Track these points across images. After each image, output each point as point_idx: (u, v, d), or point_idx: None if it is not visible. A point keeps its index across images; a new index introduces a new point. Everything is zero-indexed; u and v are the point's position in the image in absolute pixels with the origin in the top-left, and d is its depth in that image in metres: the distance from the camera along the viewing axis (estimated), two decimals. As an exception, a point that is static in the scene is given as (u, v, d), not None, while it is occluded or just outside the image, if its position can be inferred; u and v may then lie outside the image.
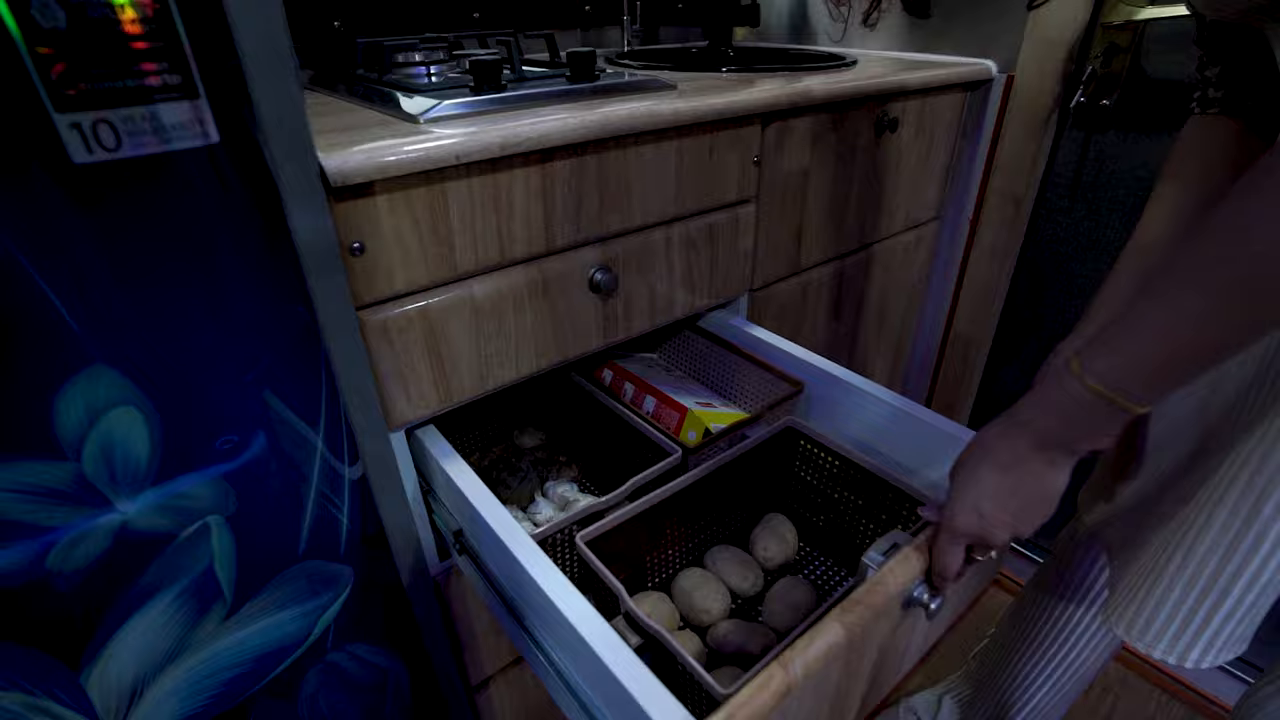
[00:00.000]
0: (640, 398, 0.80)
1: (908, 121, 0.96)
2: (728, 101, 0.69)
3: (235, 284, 0.41)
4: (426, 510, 0.65)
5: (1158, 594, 0.53)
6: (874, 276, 1.08)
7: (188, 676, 0.47)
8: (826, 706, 0.48)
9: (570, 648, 0.47)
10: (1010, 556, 1.29)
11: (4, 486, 0.36)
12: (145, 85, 0.32)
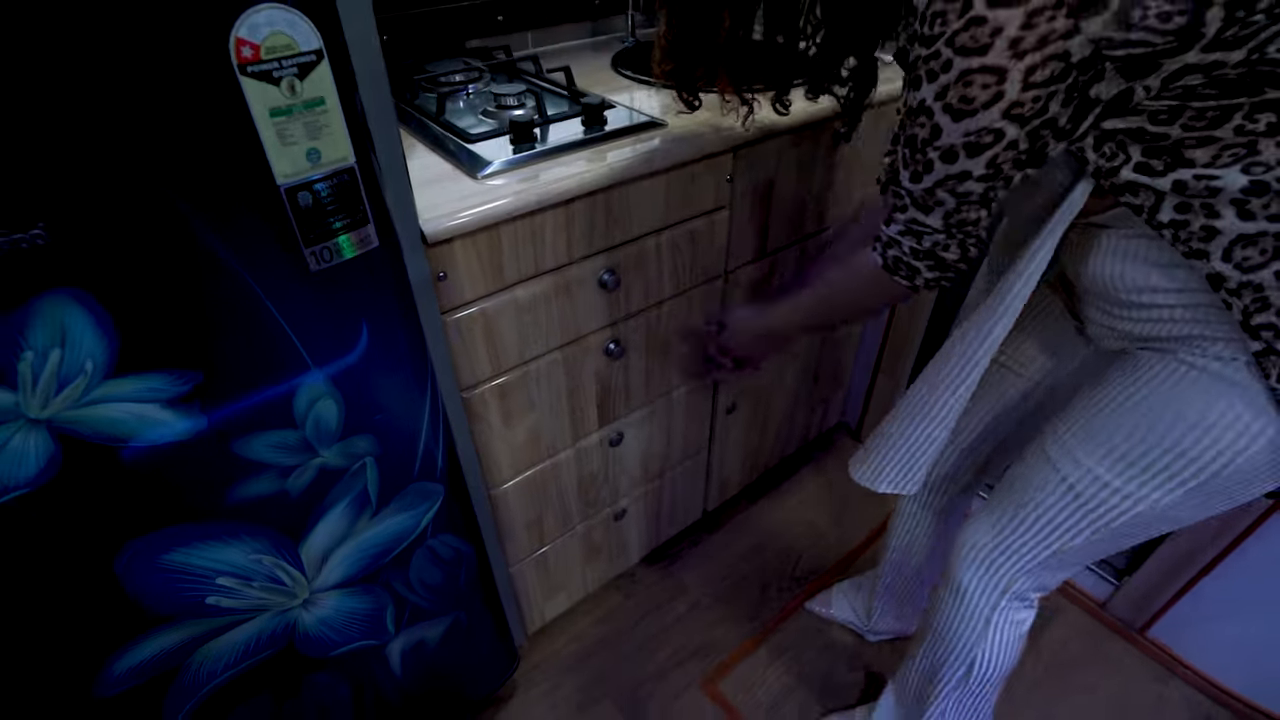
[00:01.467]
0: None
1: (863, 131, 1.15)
2: (704, 145, 0.91)
3: (384, 312, 0.65)
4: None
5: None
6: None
7: (351, 551, 0.76)
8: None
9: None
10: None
11: (267, 444, 0.62)
12: (341, 227, 0.56)
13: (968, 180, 0.55)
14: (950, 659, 0.91)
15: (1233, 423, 0.60)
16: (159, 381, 0.53)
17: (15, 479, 0.51)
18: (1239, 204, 0.53)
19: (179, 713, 0.73)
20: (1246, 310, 0.56)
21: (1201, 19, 0.46)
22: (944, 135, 0.53)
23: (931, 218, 0.60)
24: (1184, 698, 1.22)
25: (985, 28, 0.47)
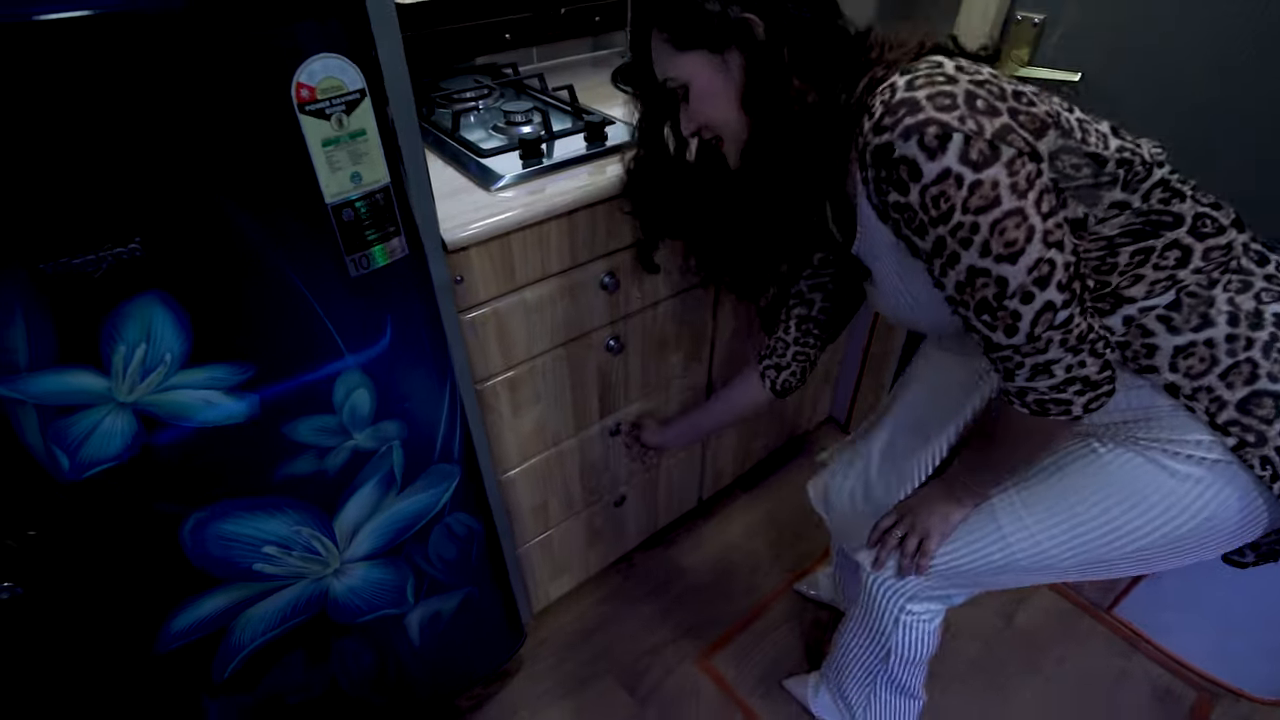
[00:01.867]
0: (634, 355, 1.15)
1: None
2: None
3: (410, 311, 0.74)
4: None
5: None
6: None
7: (378, 525, 0.85)
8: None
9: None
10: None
11: (310, 427, 0.71)
12: (376, 238, 0.65)
13: (1054, 312, 0.59)
14: (871, 645, 1.02)
15: (1187, 506, 0.69)
16: (222, 371, 0.62)
17: (104, 454, 0.59)
18: (1164, 320, 0.65)
19: (224, 670, 0.82)
20: (1210, 413, 0.65)
21: (1103, 171, 0.62)
22: (1011, 283, 0.58)
23: (1053, 351, 0.61)
24: (1144, 671, 1.30)
25: (985, 186, 0.55)
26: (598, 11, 1.43)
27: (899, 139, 0.56)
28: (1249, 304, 0.64)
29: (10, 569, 0.60)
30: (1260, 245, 0.68)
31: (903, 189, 0.58)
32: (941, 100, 0.56)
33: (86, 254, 0.51)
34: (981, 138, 0.55)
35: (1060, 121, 0.61)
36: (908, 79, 0.58)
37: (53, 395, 0.55)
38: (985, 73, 0.60)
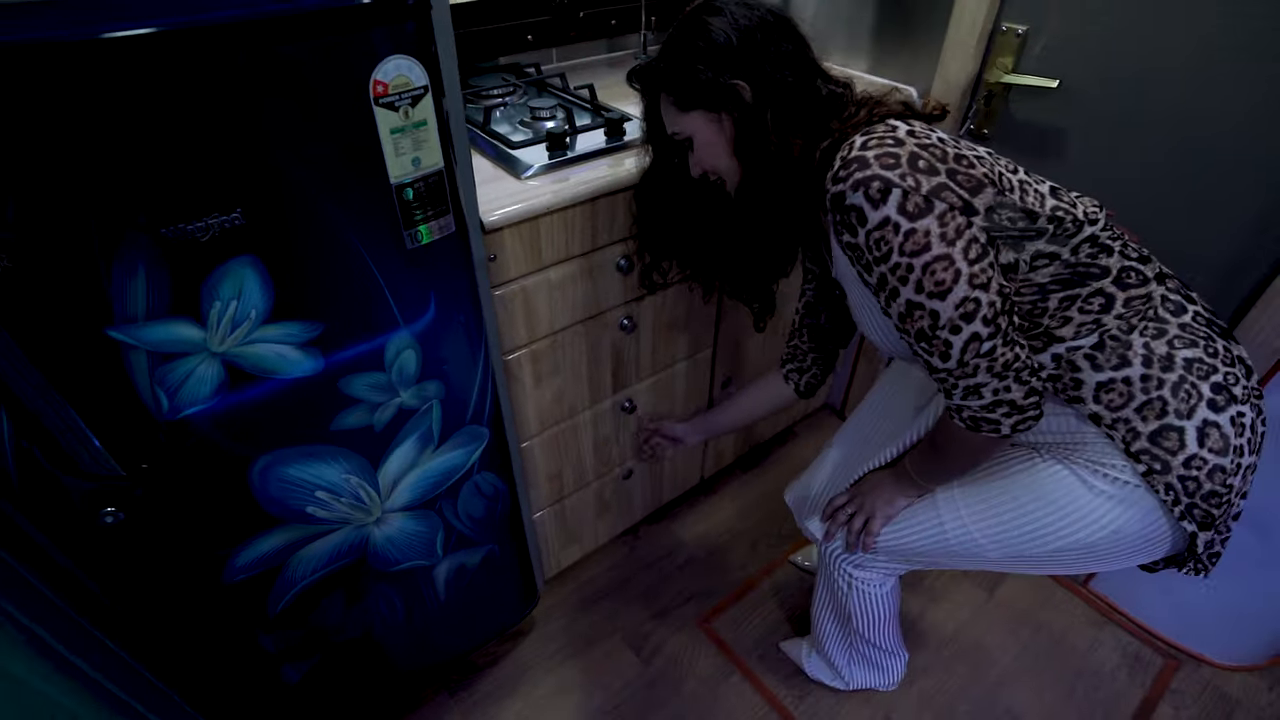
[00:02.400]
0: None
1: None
2: (707, 153, 1.09)
3: (453, 283, 0.83)
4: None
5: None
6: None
7: (415, 479, 0.94)
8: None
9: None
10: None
11: (364, 384, 0.80)
12: (426, 215, 0.74)
13: (979, 342, 0.68)
14: (834, 609, 1.13)
15: (1095, 519, 0.79)
16: (296, 329, 0.72)
17: (196, 398, 0.69)
18: (1089, 358, 0.74)
19: (278, 605, 0.91)
20: (1125, 442, 0.74)
21: (1035, 224, 0.72)
22: (941, 316, 0.68)
23: (980, 376, 0.70)
24: (1116, 639, 1.40)
25: (918, 234, 0.66)
26: (614, 15, 1.53)
27: (849, 189, 0.67)
28: (1162, 349, 0.73)
29: (116, 497, 0.69)
30: (1180, 296, 0.77)
31: (853, 232, 0.69)
32: (887, 160, 0.66)
33: (197, 220, 0.60)
34: (918, 193, 0.65)
35: (998, 181, 0.71)
36: (864, 139, 0.69)
37: (161, 343, 0.64)
38: (934, 138, 0.71)
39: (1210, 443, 0.72)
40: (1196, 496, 0.73)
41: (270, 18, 0.56)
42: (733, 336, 1.43)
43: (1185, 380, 0.73)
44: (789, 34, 0.77)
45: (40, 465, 0.64)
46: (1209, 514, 0.74)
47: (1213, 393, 0.73)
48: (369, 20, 0.61)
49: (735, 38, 0.75)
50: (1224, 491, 0.74)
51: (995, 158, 0.75)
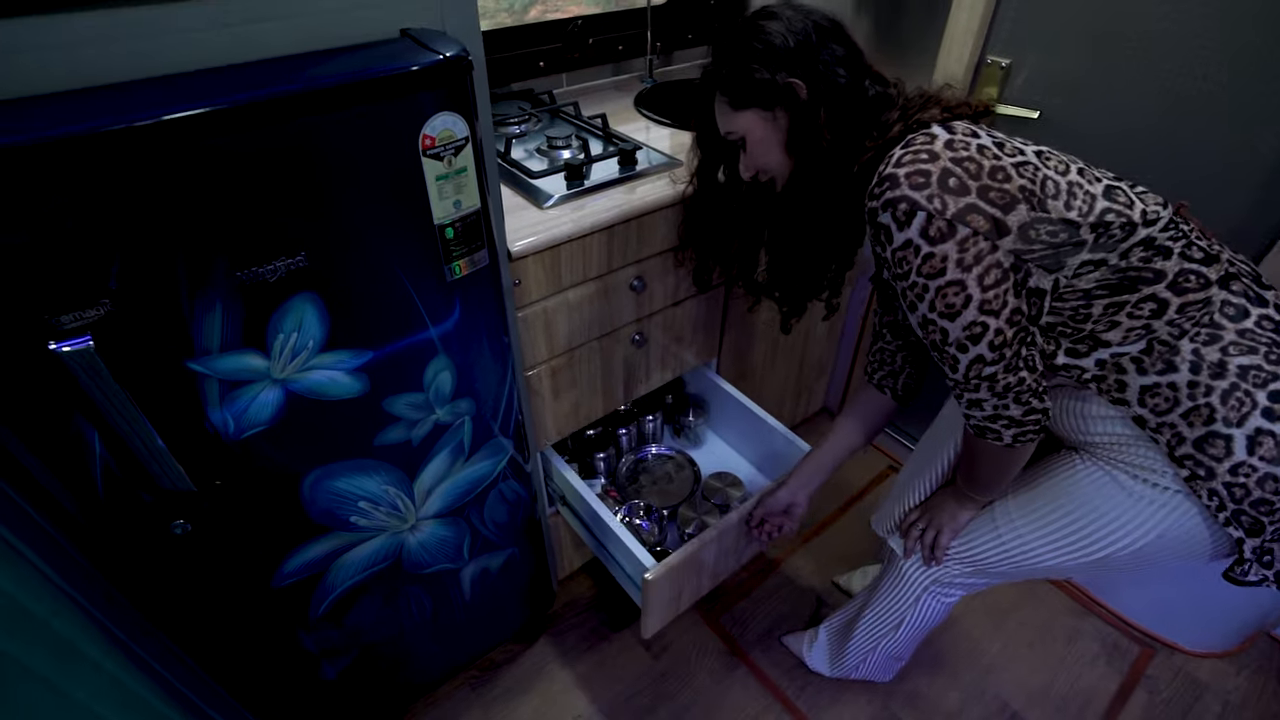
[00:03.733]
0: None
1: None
2: (713, 180, 1.16)
3: (485, 309, 0.91)
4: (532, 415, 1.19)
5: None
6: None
7: (447, 488, 1.01)
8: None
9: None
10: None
11: (404, 403, 0.88)
12: (464, 251, 0.82)
13: (983, 365, 0.72)
14: (886, 616, 1.18)
15: (1139, 525, 0.81)
16: (347, 356, 0.79)
17: (258, 420, 0.76)
18: (1136, 362, 0.75)
19: (320, 608, 0.99)
20: (1170, 447, 0.75)
21: (1077, 234, 0.72)
22: (950, 335, 0.72)
23: (981, 393, 0.75)
24: (1095, 629, 1.49)
25: (935, 259, 0.69)
26: (621, 41, 1.60)
27: (880, 208, 0.71)
28: (1214, 355, 0.72)
29: (186, 510, 0.76)
30: (1245, 300, 0.74)
31: (882, 247, 0.74)
32: (917, 179, 0.68)
33: (268, 264, 0.67)
34: (942, 216, 0.67)
35: (1039, 191, 0.70)
36: (901, 153, 0.71)
37: (231, 372, 0.71)
38: (973, 148, 0.70)
39: (1263, 451, 0.71)
40: (1245, 503, 0.73)
41: (339, 87, 0.63)
42: (735, 347, 1.51)
43: (1239, 388, 0.71)
44: (840, 38, 0.81)
45: (123, 482, 0.71)
46: (1258, 521, 0.74)
47: (1270, 401, 0.71)
48: (421, 84, 0.68)
49: (791, 40, 0.78)
50: (1275, 500, 0.72)
51: (1044, 158, 0.74)
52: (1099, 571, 0.92)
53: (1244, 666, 1.41)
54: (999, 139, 0.74)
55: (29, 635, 0.57)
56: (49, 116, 0.54)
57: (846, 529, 1.71)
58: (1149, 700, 1.36)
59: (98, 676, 0.65)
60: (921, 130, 0.74)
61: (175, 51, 0.61)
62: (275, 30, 0.64)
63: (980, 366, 0.73)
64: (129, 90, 0.59)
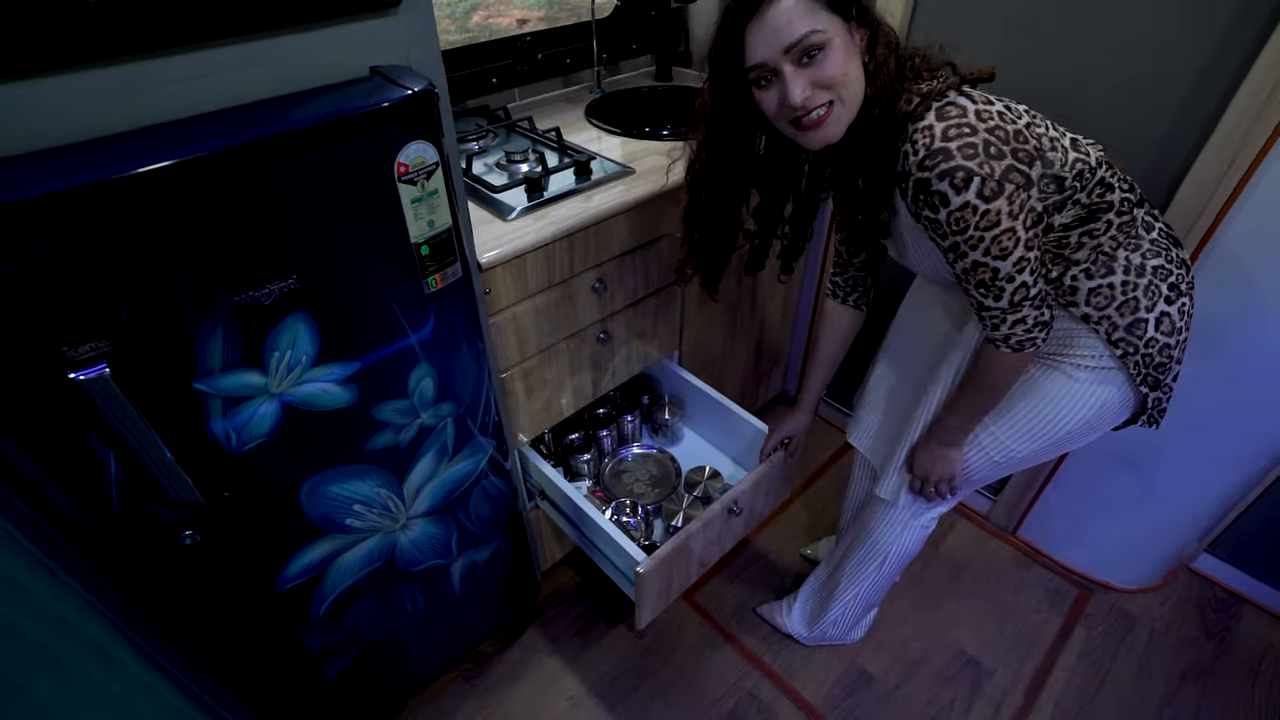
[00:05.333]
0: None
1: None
2: (662, 187, 1.25)
3: (462, 316, 0.98)
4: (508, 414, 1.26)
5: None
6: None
7: (434, 488, 1.08)
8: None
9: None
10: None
11: (391, 409, 0.94)
12: (438, 265, 0.89)
13: (1027, 288, 0.84)
14: (873, 553, 1.28)
15: (1086, 400, 0.98)
16: (337, 369, 0.85)
17: (259, 433, 0.82)
18: (1086, 271, 0.93)
19: (320, 609, 1.05)
20: (1107, 333, 0.93)
21: (1064, 184, 0.88)
22: (1002, 270, 0.82)
23: (1025, 310, 0.86)
24: (1039, 578, 1.63)
25: (991, 213, 0.78)
26: (569, 55, 1.67)
27: (935, 178, 0.78)
28: (1137, 259, 0.92)
29: (194, 521, 0.82)
30: (1150, 216, 0.95)
31: (935, 210, 0.81)
32: (968, 150, 0.77)
33: (264, 288, 0.73)
34: (992, 179, 0.77)
35: (1042, 151, 0.84)
36: (943, 127, 0.78)
37: (232, 389, 0.77)
38: (996, 115, 0.79)
39: (1163, 328, 0.93)
40: (1151, 367, 0.95)
41: (319, 126, 0.70)
42: (695, 339, 1.60)
43: (1153, 284, 0.92)
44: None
45: (136, 498, 0.76)
46: (1158, 379, 0.96)
47: (1169, 290, 0.93)
48: (393, 118, 0.75)
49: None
50: (1168, 361, 0.95)
51: (1034, 119, 0.87)
52: (1057, 449, 1.06)
53: (1167, 598, 1.57)
54: (1004, 104, 0.84)
55: (73, 638, 0.63)
56: (63, 168, 0.60)
57: (809, 504, 1.82)
58: (1087, 635, 1.50)
59: (129, 676, 0.71)
60: (946, 101, 0.80)
61: (166, 102, 0.67)
62: (257, 77, 0.70)
63: (1025, 290, 0.85)
64: (131, 139, 0.65)
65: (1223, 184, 1.11)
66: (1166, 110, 1.15)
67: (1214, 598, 1.57)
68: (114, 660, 0.69)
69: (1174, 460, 1.35)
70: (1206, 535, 1.55)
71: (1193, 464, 1.35)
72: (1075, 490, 1.53)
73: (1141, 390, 0.97)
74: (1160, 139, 1.17)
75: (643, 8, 1.77)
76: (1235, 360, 1.21)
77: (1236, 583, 1.57)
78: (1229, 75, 1.07)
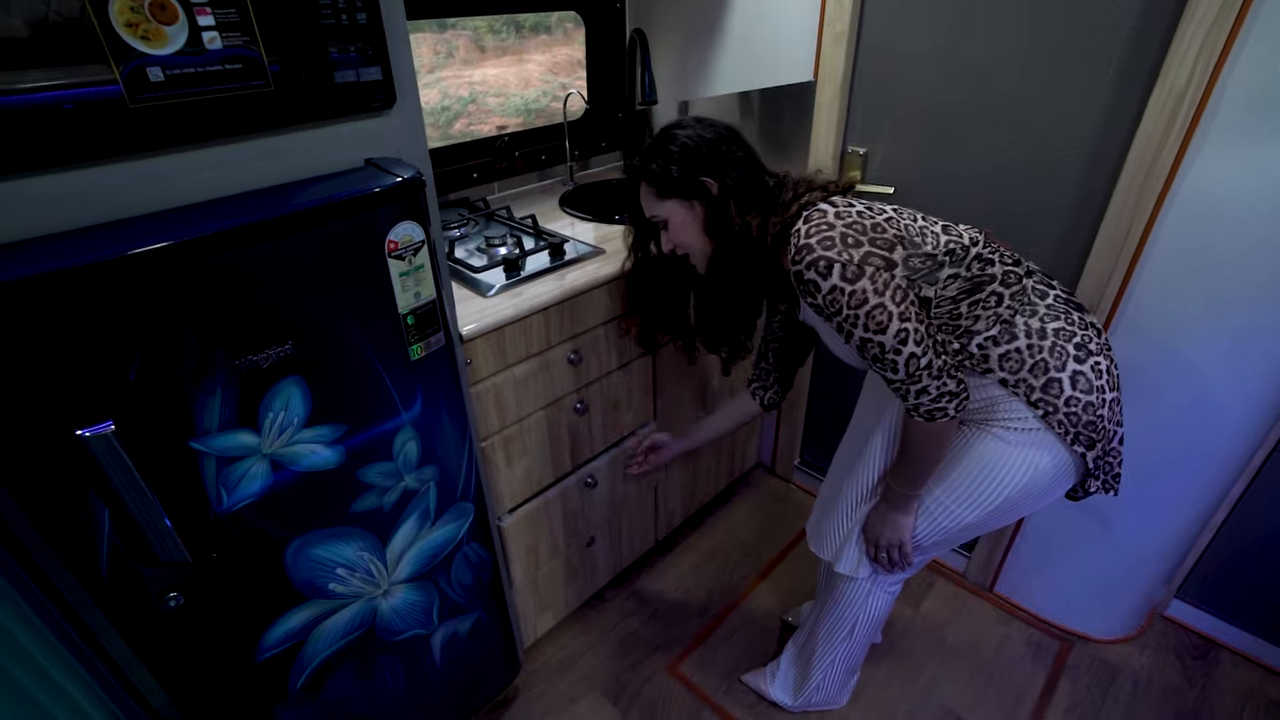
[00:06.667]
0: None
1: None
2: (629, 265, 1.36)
3: (444, 384, 1.04)
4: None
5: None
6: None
7: (416, 552, 1.11)
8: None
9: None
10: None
11: (376, 471, 0.99)
12: (423, 334, 0.97)
13: (917, 358, 0.94)
14: (841, 622, 1.31)
15: (1020, 464, 1.02)
16: (326, 429, 0.91)
17: (249, 493, 0.86)
18: (993, 340, 1.00)
19: (298, 680, 1.04)
20: (1026, 395, 1.00)
21: (936, 260, 0.99)
22: (886, 344, 0.93)
23: (924, 380, 0.95)
24: (1020, 632, 1.64)
25: (858, 293, 0.92)
26: (544, 152, 1.84)
27: (805, 269, 0.94)
28: (1036, 324, 0.99)
29: (180, 583, 0.84)
30: (1044, 285, 1.04)
31: (813, 296, 0.96)
32: (826, 243, 0.93)
33: (262, 353, 0.80)
34: (852, 264, 0.92)
35: (904, 234, 0.98)
36: (806, 228, 0.96)
37: (227, 449, 0.82)
38: (854, 213, 0.97)
39: (1080, 386, 0.98)
40: (1080, 426, 0.99)
41: (323, 207, 0.79)
42: (669, 409, 1.67)
43: (1057, 345, 0.99)
44: (738, 142, 1.06)
45: (126, 559, 0.79)
46: (1092, 439, 1.00)
47: (1076, 350, 0.99)
48: (385, 200, 0.85)
49: (702, 146, 1.03)
50: (1098, 420, 0.99)
51: (899, 213, 1.01)
52: (1006, 515, 1.10)
53: (1145, 647, 1.58)
54: (866, 204, 1.01)
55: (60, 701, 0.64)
56: (96, 243, 0.68)
57: (790, 569, 1.84)
58: (1072, 689, 1.50)
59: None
60: (812, 208, 1.00)
61: (188, 188, 0.76)
62: (269, 167, 0.80)
63: (915, 360, 0.94)
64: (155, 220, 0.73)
65: (1125, 246, 1.24)
66: (1069, 185, 1.30)
67: (1190, 644, 1.59)
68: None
69: (1129, 504, 1.42)
70: (1171, 579, 1.59)
71: (1147, 507, 1.42)
72: (1042, 542, 1.58)
73: (1077, 450, 1.00)
74: (1069, 206, 1.32)
75: (611, 111, 1.96)
76: (1166, 405, 1.31)
77: (1209, 628, 1.60)
78: (1116, 152, 1.22)
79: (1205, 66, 1.09)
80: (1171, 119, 1.14)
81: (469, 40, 1.70)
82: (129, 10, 0.62)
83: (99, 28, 0.62)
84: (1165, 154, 1.17)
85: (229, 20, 0.69)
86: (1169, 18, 1.11)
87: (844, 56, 1.48)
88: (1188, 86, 1.12)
